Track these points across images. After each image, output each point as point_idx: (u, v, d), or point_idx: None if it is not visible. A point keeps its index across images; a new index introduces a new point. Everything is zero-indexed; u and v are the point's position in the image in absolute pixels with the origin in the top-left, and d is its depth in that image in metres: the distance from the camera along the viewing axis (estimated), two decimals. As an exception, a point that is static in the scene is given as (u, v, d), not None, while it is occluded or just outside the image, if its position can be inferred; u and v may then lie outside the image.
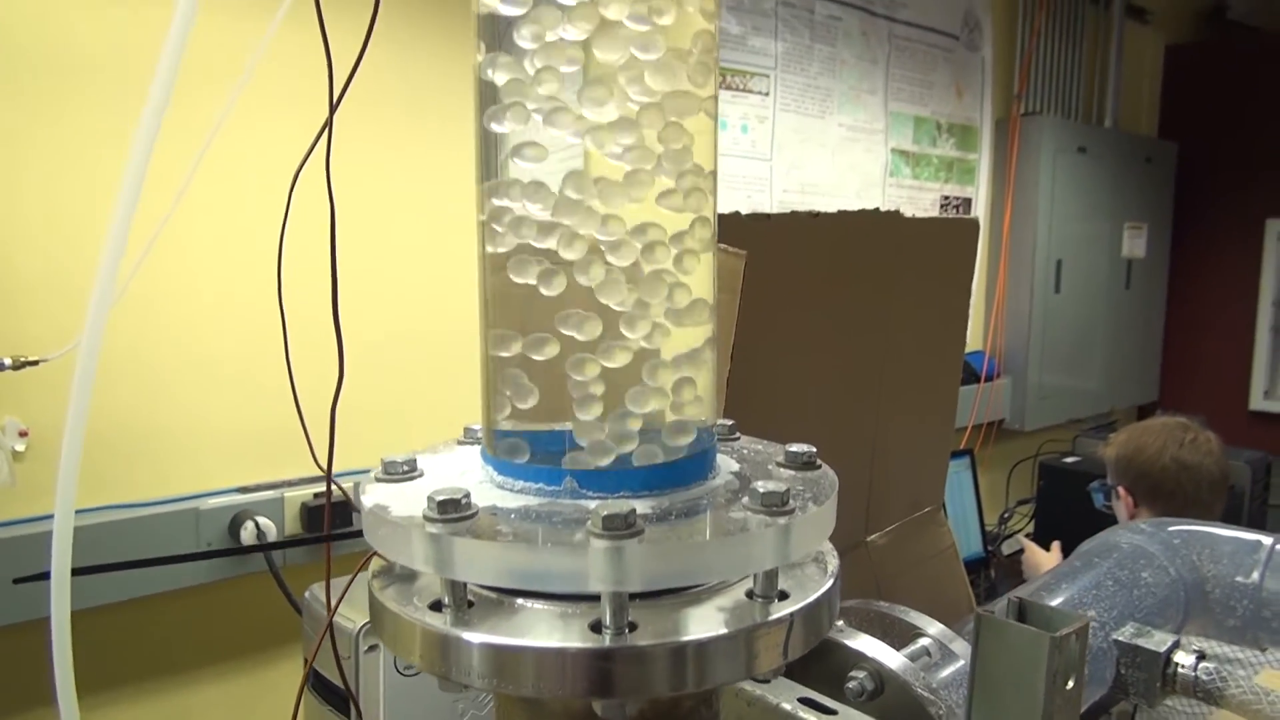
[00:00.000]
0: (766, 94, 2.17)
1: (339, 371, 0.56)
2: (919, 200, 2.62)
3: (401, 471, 0.46)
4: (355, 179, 1.47)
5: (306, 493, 1.42)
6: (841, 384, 0.83)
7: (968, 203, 2.78)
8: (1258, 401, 3.40)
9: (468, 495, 0.40)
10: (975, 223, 0.98)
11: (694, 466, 0.44)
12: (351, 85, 0.52)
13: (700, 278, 0.44)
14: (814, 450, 0.46)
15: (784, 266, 0.67)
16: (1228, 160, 3.41)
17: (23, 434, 1.23)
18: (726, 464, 0.48)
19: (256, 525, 1.33)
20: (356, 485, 0.47)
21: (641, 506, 0.40)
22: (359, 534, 0.46)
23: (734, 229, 0.68)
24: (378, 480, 0.45)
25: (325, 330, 0.58)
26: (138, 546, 1.25)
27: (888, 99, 2.49)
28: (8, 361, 1.04)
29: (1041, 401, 2.91)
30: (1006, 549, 2.62)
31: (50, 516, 0.46)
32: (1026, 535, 2.43)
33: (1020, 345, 2.88)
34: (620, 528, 0.36)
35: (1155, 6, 3.43)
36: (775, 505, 0.39)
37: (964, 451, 2.49)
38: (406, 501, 0.42)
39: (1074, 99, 3.09)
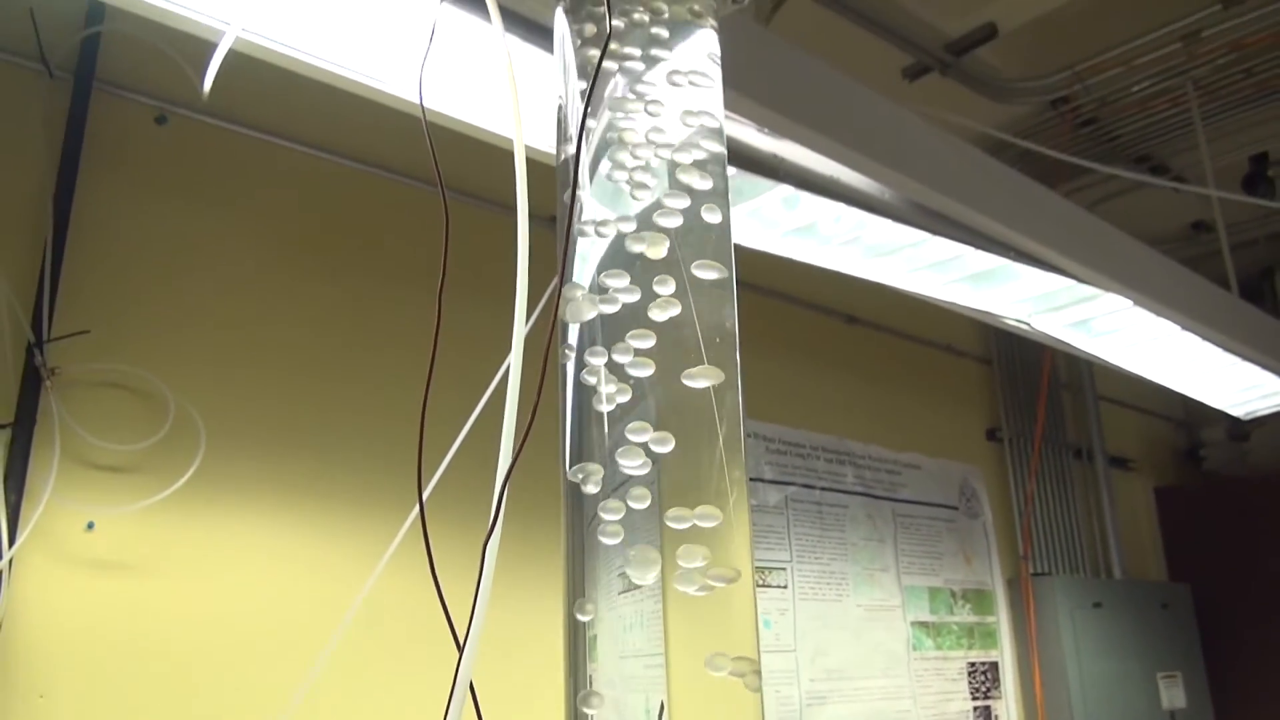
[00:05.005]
0: (785, 586, 2.28)
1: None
2: (945, 670, 2.62)
3: None
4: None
5: None
6: None
7: (994, 667, 2.77)
8: None
9: None
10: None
11: None
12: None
13: None
14: None
15: None
16: (1244, 598, 3.44)
17: None
18: None
19: None
20: None
21: None
22: None
23: None
24: None
25: None
26: None
27: (900, 574, 2.59)
28: None
29: None
30: None
31: None
32: None
33: (1079, 822, 2.69)
34: None
35: (1136, 455, 3.69)
36: None
37: None
38: None
39: (1079, 553, 3.21)
